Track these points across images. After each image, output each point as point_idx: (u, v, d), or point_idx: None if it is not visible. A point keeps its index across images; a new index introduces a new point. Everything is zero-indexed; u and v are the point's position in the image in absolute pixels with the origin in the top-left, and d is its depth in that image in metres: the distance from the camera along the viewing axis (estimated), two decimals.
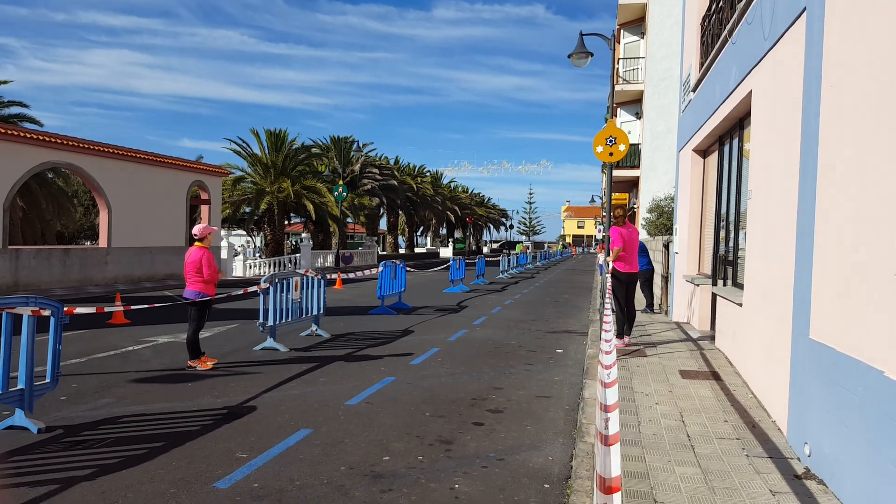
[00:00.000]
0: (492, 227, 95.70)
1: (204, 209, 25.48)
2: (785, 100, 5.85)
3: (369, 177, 43.35)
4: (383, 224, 56.61)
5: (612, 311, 10.11)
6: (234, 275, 26.47)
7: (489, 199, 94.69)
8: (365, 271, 18.14)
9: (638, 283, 12.64)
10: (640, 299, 15.10)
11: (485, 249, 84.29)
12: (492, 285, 24.49)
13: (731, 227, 9.24)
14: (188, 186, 24.20)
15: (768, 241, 6.37)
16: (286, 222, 37.37)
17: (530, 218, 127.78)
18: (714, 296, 10.00)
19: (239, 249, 27.74)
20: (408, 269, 17.52)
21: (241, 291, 9.79)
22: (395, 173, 49.09)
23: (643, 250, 13.91)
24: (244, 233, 39.31)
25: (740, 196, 8.71)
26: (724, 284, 9.62)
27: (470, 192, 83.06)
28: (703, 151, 11.85)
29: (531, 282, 27.37)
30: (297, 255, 30.30)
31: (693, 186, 12.04)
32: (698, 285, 11.00)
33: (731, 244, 9.30)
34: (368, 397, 6.84)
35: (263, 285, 9.41)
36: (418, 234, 73.22)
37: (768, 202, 6.41)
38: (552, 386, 7.61)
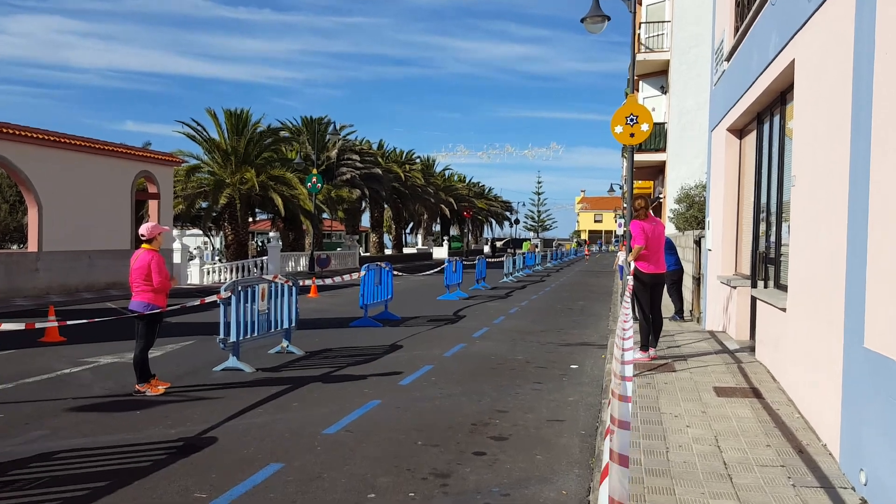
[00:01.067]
0: (494, 222, 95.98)
1: (152, 205, 25.44)
2: (833, 70, 5.91)
3: (348, 164, 43.35)
4: (366, 220, 56.62)
5: (635, 318, 10.17)
6: (189, 282, 26.48)
7: (490, 190, 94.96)
8: (345, 276, 18.20)
9: (665, 287, 12.71)
10: (667, 305, 15.18)
11: (486, 248, 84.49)
12: (494, 291, 24.54)
13: (773, 219, 9.31)
14: (133, 178, 24.17)
15: (815, 235, 6.42)
16: (250, 219, 37.21)
17: (539, 211, 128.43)
18: (753, 299, 10.07)
19: (195, 252, 27.72)
20: (395, 272, 17.56)
21: (197, 302, 9.79)
22: (380, 160, 49.07)
23: (670, 247, 13.98)
24: (201, 232, 39.28)
25: (783, 182, 8.78)
26: (765, 286, 9.68)
27: (468, 181, 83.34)
28: (739, 131, 11.93)
29: (540, 286, 27.44)
30: (264, 258, 30.30)
31: (728, 172, 12.11)
32: (735, 287, 11.07)
33: (772, 239, 9.37)
34: (349, 424, 6.86)
35: (224, 294, 9.42)
36: (407, 231, 73.24)
37: (814, 189, 6.47)
38: (565, 408, 7.64)
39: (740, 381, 8.20)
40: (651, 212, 9.86)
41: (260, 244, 43.80)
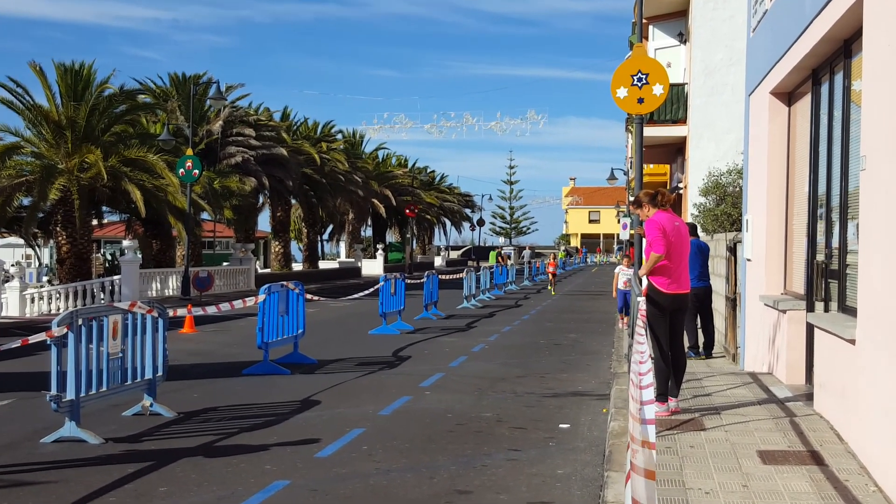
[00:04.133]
0: (449, 223, 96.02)
1: None
2: None
3: (239, 143, 42.98)
4: (265, 222, 56.13)
5: (651, 357, 10.29)
6: (4, 314, 25.95)
7: (443, 179, 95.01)
8: (234, 303, 17.96)
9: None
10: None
11: (438, 261, 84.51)
12: (451, 320, 24.51)
13: (836, 217, 9.53)
14: None
15: (893, 237, 6.58)
16: (95, 222, 36.43)
17: (512, 208, 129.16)
18: (810, 328, 10.28)
19: (13, 271, 27.13)
20: (309, 296, 17.46)
21: (17, 343, 9.58)
22: (284, 136, 48.72)
23: (699, 254, 14.20)
24: (22, 241, 38.48)
25: (848, 165, 9.00)
26: (826, 309, 9.89)
27: (411, 166, 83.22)
28: (787, 95, 12.18)
29: (515, 313, 27.52)
30: (115, 277, 29.85)
31: (773, 152, 12.36)
32: (785, 312, 11.28)
33: (835, 244, 9.59)
34: None
35: (57, 331, 9.25)
36: (325, 237, 72.91)
37: (892, 174, 6.63)
38: (554, 485, 7.66)
39: (794, 441, 8.30)
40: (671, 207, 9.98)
41: (109, 257, 43.13)
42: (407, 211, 67.02)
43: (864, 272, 7.63)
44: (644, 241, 9.90)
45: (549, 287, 40.43)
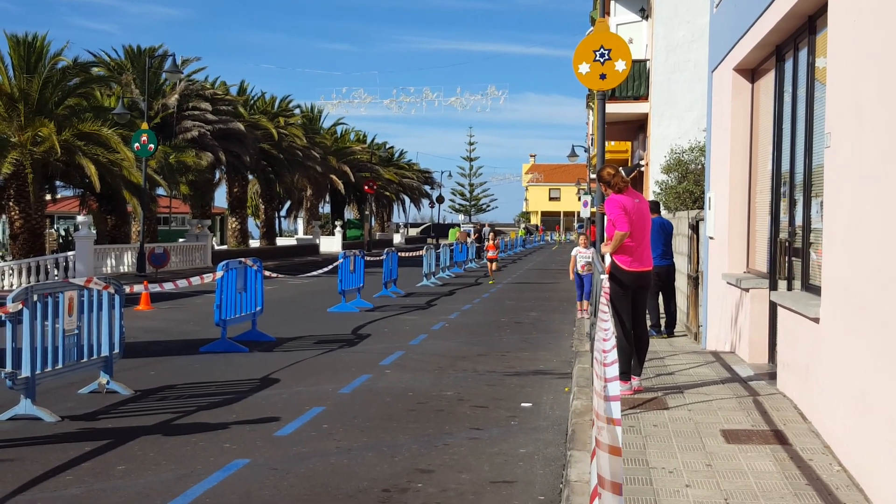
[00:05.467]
0: (408, 200, 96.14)
1: None
2: None
3: (196, 117, 42.58)
4: (221, 198, 55.88)
5: (614, 334, 10.30)
6: None
7: (403, 154, 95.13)
8: (192, 279, 17.83)
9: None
10: None
11: (397, 238, 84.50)
12: (410, 298, 24.53)
13: (800, 194, 9.57)
14: None
15: (859, 215, 6.60)
16: (49, 197, 36.02)
17: (471, 185, 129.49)
18: (774, 306, 10.35)
19: None
20: (267, 273, 17.33)
21: None
22: (241, 110, 48.39)
23: (662, 232, 14.24)
24: None
25: (812, 142, 9.03)
26: (790, 287, 9.95)
27: (370, 141, 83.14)
28: (751, 71, 12.21)
29: (476, 291, 27.57)
30: (69, 253, 29.54)
31: (736, 129, 12.40)
32: (748, 290, 11.34)
33: (798, 221, 9.63)
34: (202, 497, 6.73)
35: (12, 307, 9.19)
36: (283, 213, 72.60)
37: (858, 151, 6.65)
38: (516, 463, 7.67)
39: (757, 421, 8.36)
40: (630, 185, 10.00)
41: (63, 233, 42.59)
42: (366, 187, 66.68)
43: (827, 251, 7.66)
44: (605, 219, 9.89)
45: (489, 276, 33.72)
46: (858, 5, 6.78)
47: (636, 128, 31.83)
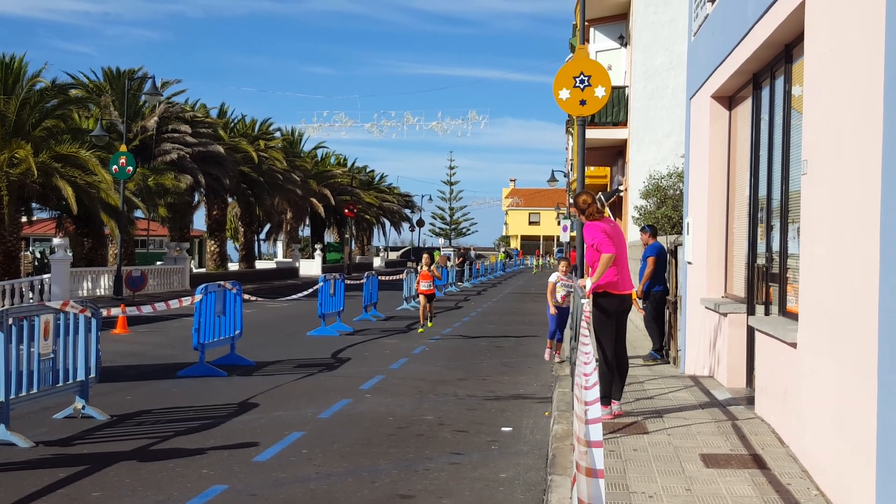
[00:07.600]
0: (388, 223, 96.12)
1: None
2: (858, 11, 6.16)
3: (175, 140, 42.50)
4: (200, 221, 55.74)
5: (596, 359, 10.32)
6: None
7: (383, 178, 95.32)
8: (170, 302, 17.70)
9: (637, 315, 12.91)
10: (632, 342, 15.46)
11: (377, 262, 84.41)
12: (391, 322, 24.45)
13: (776, 220, 9.65)
14: None
15: (837, 241, 6.66)
16: (24, 219, 35.79)
17: (451, 209, 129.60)
18: (751, 331, 10.41)
19: None
20: (246, 296, 17.26)
21: None
22: (221, 133, 48.34)
23: (661, 257, 14.34)
24: None
25: (789, 168, 9.12)
26: (767, 312, 10.01)
27: (350, 165, 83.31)
28: (728, 99, 12.33)
29: (455, 315, 27.52)
30: (45, 276, 29.35)
31: (714, 155, 12.51)
32: (725, 315, 11.41)
33: (775, 247, 9.71)
34: None
35: None
36: (262, 236, 72.43)
37: (835, 178, 6.72)
38: (497, 489, 7.66)
39: (736, 445, 8.41)
40: (609, 211, 10.04)
41: (39, 255, 42.32)
42: (346, 211, 66.67)
43: (804, 276, 7.72)
44: (585, 246, 9.93)
45: (420, 323, 22.22)
46: (835, 35, 6.86)
47: (615, 153, 32.02)
